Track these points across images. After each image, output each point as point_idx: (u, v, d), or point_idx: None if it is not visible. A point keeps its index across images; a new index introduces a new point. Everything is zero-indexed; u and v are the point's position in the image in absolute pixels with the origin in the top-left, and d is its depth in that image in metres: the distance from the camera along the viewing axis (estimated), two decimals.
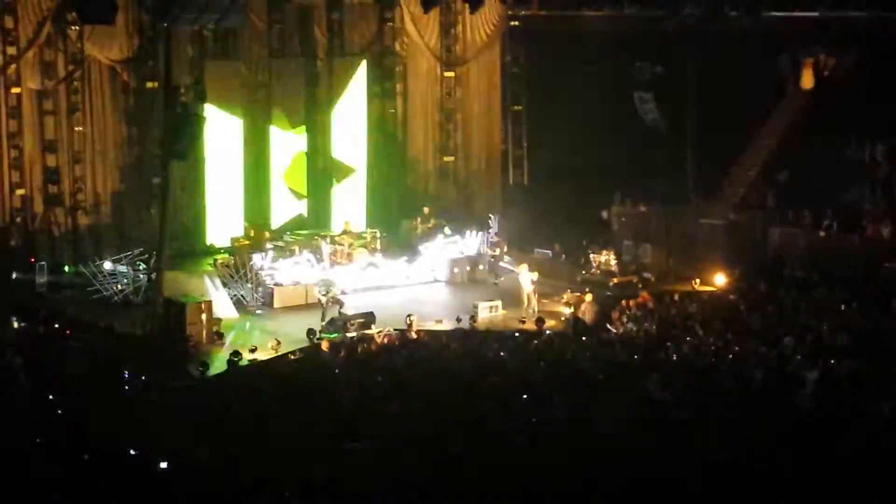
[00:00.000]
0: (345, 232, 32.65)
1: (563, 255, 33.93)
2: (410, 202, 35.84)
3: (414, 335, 26.74)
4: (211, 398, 22.10)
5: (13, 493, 16.56)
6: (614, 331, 27.35)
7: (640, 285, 31.33)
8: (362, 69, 35.48)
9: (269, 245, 31.23)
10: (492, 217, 34.79)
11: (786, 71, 38.03)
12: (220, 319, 27.47)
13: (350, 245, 31.94)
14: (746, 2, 34.11)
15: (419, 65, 36.36)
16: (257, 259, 30.16)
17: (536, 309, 29.01)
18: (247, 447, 18.44)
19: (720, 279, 31.24)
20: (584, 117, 36.51)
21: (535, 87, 37.64)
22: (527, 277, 29.52)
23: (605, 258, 32.54)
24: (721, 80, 35.33)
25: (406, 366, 23.72)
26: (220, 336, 26.83)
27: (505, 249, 33.43)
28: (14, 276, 30.21)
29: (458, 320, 28.37)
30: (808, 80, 37.65)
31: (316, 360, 25.02)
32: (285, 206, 34.45)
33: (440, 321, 28.33)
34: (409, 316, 27.66)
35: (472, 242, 33.19)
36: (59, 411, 20.55)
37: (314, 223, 34.64)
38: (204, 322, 26.46)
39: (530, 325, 28.12)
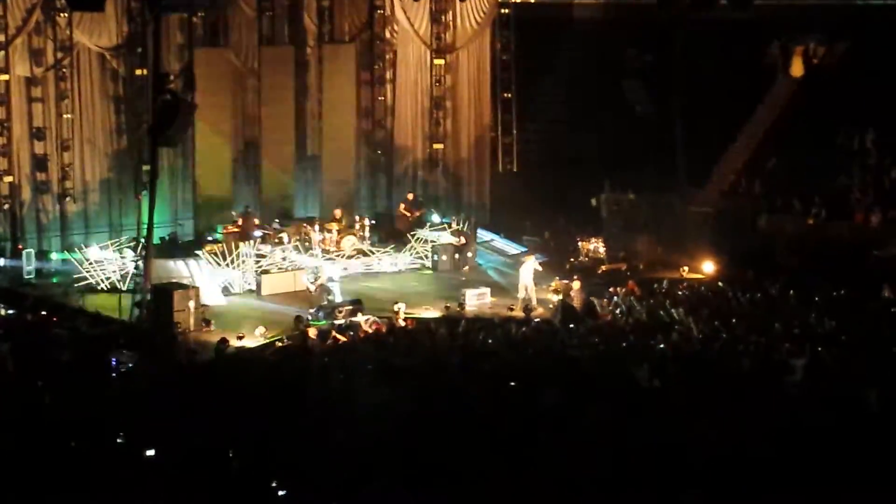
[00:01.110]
0: (333, 219, 32.61)
1: (552, 243, 33.94)
2: (399, 190, 35.81)
3: (402, 322, 26.72)
4: (198, 385, 22.07)
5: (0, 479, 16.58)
6: (603, 318, 27.32)
7: (628, 273, 31.35)
8: (352, 56, 35.43)
9: (257, 232, 31.19)
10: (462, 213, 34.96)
11: (775, 59, 38.00)
12: (207, 306, 27.46)
13: (339, 232, 31.92)
14: None
15: (409, 52, 36.29)
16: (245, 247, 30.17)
17: (535, 301, 28.89)
18: (234, 435, 18.43)
19: (709, 266, 31.27)
20: (573, 105, 36.54)
21: (525, 74, 37.61)
22: (529, 269, 29.34)
23: (594, 245, 32.56)
24: (711, 68, 35.33)
25: (394, 353, 23.72)
26: (208, 322, 26.81)
27: (470, 238, 33.19)
28: (1, 262, 30.20)
29: (447, 308, 28.38)
30: (797, 68, 37.60)
31: (304, 347, 25.00)
32: (274, 194, 34.48)
33: (428, 308, 28.32)
34: (396, 303, 27.68)
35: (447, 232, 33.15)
36: (46, 398, 20.54)
37: (303, 211, 34.63)
38: (192, 309, 26.43)
39: (518, 313, 28.13)
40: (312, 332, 25.43)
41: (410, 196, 34.35)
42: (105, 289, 29.04)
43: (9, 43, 30.49)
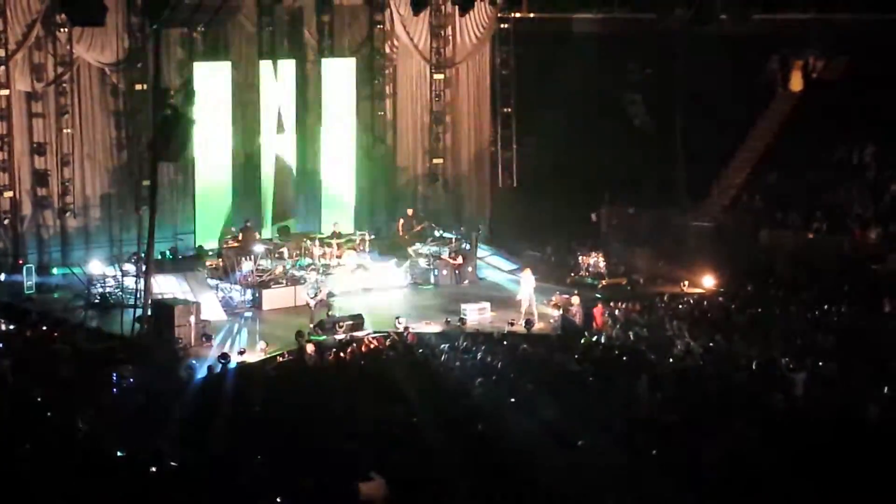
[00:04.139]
0: (334, 234, 32.62)
1: (553, 257, 33.94)
2: (399, 204, 35.82)
3: (403, 337, 26.69)
4: (199, 400, 22.07)
5: (1, 493, 16.55)
6: (603, 333, 27.31)
7: (629, 287, 31.36)
8: (352, 71, 35.47)
9: (258, 247, 31.16)
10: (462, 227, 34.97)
11: (775, 73, 38.10)
12: (208, 321, 27.44)
13: (339, 247, 31.91)
14: (736, 4, 34.15)
15: (409, 67, 36.35)
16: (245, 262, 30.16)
17: (535, 315, 28.85)
18: (235, 450, 18.43)
19: (709, 281, 31.27)
20: (573, 119, 36.57)
21: (525, 89, 37.65)
22: (528, 282, 29.34)
23: (594, 260, 32.54)
24: (710, 82, 35.39)
25: (394, 368, 23.71)
26: (209, 338, 26.80)
27: (469, 257, 33.12)
28: (2, 277, 30.18)
29: (447, 322, 28.37)
30: (797, 83, 37.74)
31: (304, 362, 24.99)
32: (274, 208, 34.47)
33: (429, 323, 28.31)
34: (397, 318, 27.70)
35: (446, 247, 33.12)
36: (47, 413, 20.53)
37: (303, 225, 34.62)
38: (192, 324, 26.42)
39: (519, 328, 28.11)
40: (309, 348, 25.37)
41: (410, 211, 34.35)
42: (106, 304, 29.02)
43: (9, 58, 30.47)
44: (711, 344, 25.20)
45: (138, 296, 27.54)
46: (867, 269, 31.15)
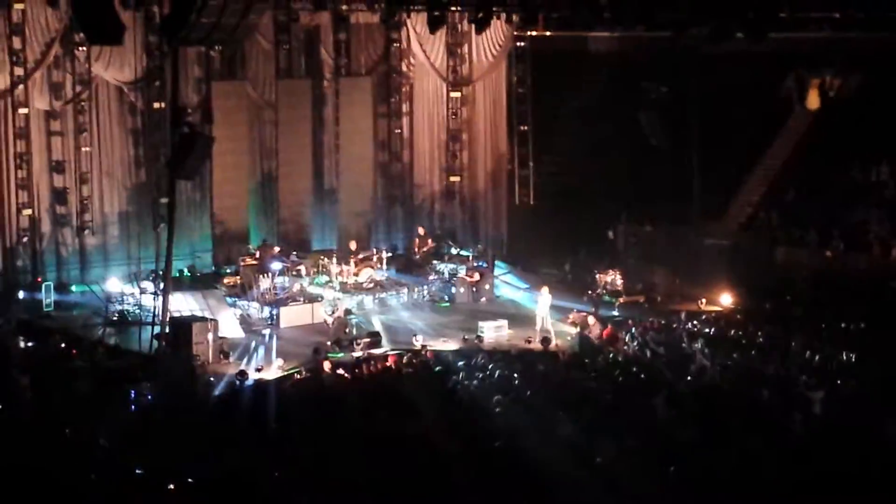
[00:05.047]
0: (351, 252, 32.67)
1: (570, 275, 33.95)
2: (416, 222, 35.86)
3: (420, 354, 26.71)
4: (217, 417, 22.13)
5: None
6: (620, 351, 27.28)
7: (646, 305, 31.33)
8: (368, 89, 35.57)
9: (275, 265, 31.19)
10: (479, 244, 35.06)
11: (791, 91, 38.05)
12: (226, 338, 27.49)
13: (356, 264, 31.95)
14: (752, 22, 34.10)
15: (425, 85, 36.45)
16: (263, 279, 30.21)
17: (553, 333, 28.78)
18: (252, 467, 18.48)
19: (726, 299, 31.23)
20: (589, 137, 36.58)
21: (541, 107, 37.69)
22: (544, 300, 29.30)
23: (611, 278, 32.54)
24: (727, 101, 35.38)
25: (411, 385, 23.73)
26: (227, 355, 26.84)
27: (486, 275, 33.12)
28: (21, 295, 30.27)
29: (465, 340, 28.38)
30: (813, 101, 37.66)
31: (322, 379, 25.02)
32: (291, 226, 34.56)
33: (446, 340, 28.31)
34: (414, 335, 27.72)
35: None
36: (66, 430, 20.60)
37: (320, 243, 34.67)
38: (210, 341, 26.47)
39: (536, 345, 28.10)
40: (326, 366, 25.40)
41: (421, 230, 34.43)
42: (124, 321, 29.08)
43: (28, 76, 30.65)
44: (729, 362, 25.17)
45: (156, 313, 27.60)
46: (886, 287, 31.04)
